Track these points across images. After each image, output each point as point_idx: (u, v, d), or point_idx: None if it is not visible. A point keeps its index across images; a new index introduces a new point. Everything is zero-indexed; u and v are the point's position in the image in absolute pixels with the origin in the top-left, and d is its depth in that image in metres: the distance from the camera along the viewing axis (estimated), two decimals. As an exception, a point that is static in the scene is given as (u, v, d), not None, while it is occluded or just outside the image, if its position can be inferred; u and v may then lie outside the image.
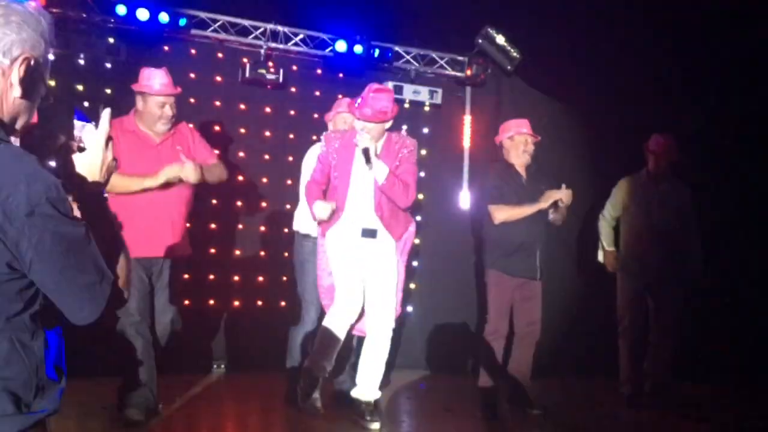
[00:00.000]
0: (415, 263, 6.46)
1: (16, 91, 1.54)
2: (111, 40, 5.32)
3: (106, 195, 1.67)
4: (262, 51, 5.83)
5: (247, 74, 5.74)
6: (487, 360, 4.90)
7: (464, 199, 6.50)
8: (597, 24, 6.35)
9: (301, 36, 5.98)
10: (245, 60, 5.78)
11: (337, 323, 4.33)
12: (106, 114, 1.67)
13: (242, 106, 5.90)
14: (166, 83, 4.27)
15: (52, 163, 1.67)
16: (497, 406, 4.85)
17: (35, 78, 1.57)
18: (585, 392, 5.80)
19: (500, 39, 6.33)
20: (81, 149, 1.64)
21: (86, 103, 1.59)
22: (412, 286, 6.45)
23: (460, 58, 6.49)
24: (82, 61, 5.28)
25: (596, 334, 5.95)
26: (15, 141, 1.60)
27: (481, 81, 6.53)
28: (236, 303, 5.80)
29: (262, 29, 5.85)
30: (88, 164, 1.65)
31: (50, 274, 1.45)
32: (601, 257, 5.56)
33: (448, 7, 6.25)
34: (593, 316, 6.13)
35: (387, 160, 4.32)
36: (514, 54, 6.34)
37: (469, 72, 6.48)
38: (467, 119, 6.60)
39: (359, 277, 4.38)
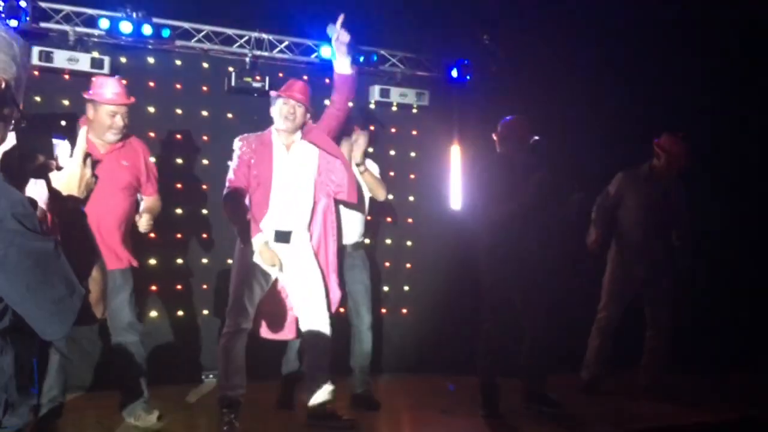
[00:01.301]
0: (408, 265, 6.49)
1: None
2: (95, 54, 5.32)
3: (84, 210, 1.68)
4: (248, 59, 5.83)
5: (233, 83, 5.74)
6: (485, 359, 4.88)
7: (454, 200, 6.51)
8: (586, 23, 6.38)
9: (286, 43, 5.99)
10: (231, 69, 5.78)
11: (230, 341, 4.30)
12: (83, 132, 1.68)
13: (229, 115, 5.90)
14: (118, 92, 4.22)
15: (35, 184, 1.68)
16: (498, 404, 4.84)
17: (6, 99, 1.58)
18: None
19: (485, 39, 6.35)
20: (59, 168, 1.65)
21: (63, 122, 1.58)
22: (406, 288, 6.47)
23: (446, 59, 6.50)
24: (66, 77, 5.28)
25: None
26: None
27: (468, 82, 6.55)
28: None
29: (246, 37, 5.86)
30: (66, 181, 1.67)
31: (17, 289, 1.44)
32: (589, 238, 5.56)
33: (433, 9, 6.26)
34: (591, 313, 6.14)
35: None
36: (500, 54, 6.36)
37: (455, 73, 6.50)
38: (455, 120, 6.61)
39: (259, 289, 4.34)
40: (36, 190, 1.66)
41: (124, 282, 4.23)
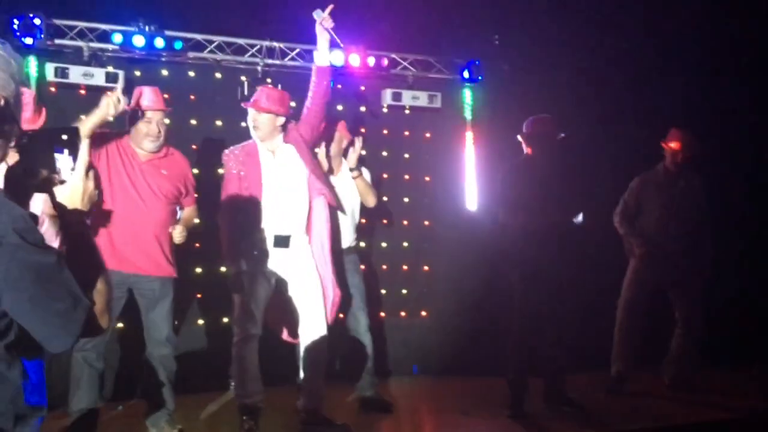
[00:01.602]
0: (425, 267, 6.49)
1: None
2: (110, 68, 5.40)
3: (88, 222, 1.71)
4: (260, 68, 5.89)
5: (246, 92, 5.78)
6: (517, 359, 4.82)
7: (470, 201, 6.50)
8: (598, 20, 6.36)
9: (297, 50, 6.03)
10: (243, 78, 5.83)
11: (242, 349, 4.31)
12: (84, 145, 1.71)
13: (243, 124, 5.89)
14: (153, 100, 4.32)
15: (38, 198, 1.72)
16: (524, 404, 4.79)
17: (6, 117, 1.60)
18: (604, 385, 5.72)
19: (496, 40, 6.35)
20: (62, 181, 1.68)
21: (64, 136, 1.59)
22: (424, 290, 6.46)
23: (458, 60, 6.50)
24: (82, 92, 5.37)
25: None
26: None
27: (480, 83, 6.54)
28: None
29: (258, 47, 5.92)
30: (69, 194, 1.69)
31: (21, 303, 1.47)
32: (632, 253, 5.49)
33: (442, 12, 6.28)
34: (607, 311, 6.10)
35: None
36: (511, 54, 6.36)
37: (467, 74, 6.49)
38: (468, 121, 6.61)
39: (264, 295, 4.33)
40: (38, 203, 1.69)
41: (164, 292, 4.29)
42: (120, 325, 4.99)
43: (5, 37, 4.94)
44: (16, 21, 5.06)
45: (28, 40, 5.11)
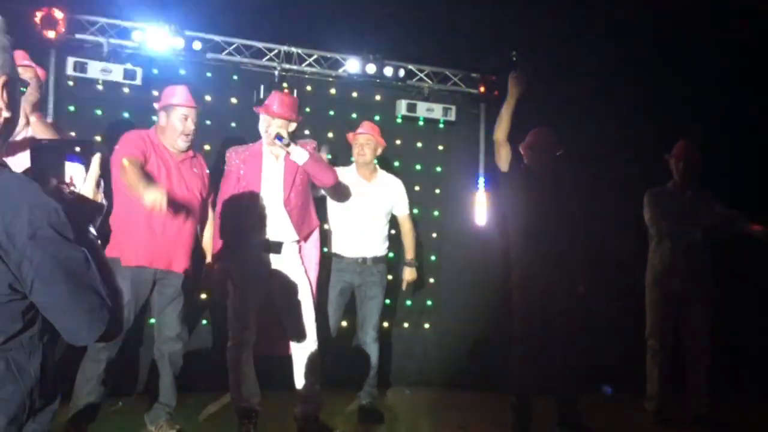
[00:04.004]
0: (431, 279, 6.48)
1: (6, 113, 1.60)
2: (128, 65, 5.43)
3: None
4: (277, 72, 5.92)
5: (262, 95, 5.81)
6: (518, 378, 4.71)
7: (480, 216, 6.49)
8: (611, 37, 6.37)
9: (314, 56, 6.06)
10: (260, 82, 5.87)
11: (236, 353, 4.31)
12: (96, 158, 1.72)
13: (258, 127, 5.95)
14: (188, 97, 4.39)
15: None
16: (529, 424, 4.66)
17: (16, 96, 1.63)
18: (611, 409, 5.66)
19: (514, 56, 6.34)
20: (72, 192, 1.69)
21: (77, 148, 1.61)
22: (429, 302, 6.46)
23: (474, 74, 6.51)
24: (100, 87, 5.41)
25: (620, 350, 5.89)
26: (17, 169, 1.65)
27: (495, 97, 6.53)
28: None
29: (276, 51, 5.94)
30: None
31: (50, 295, 1.48)
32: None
33: (460, 24, 6.30)
34: (616, 332, 6.07)
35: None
36: (528, 70, 6.34)
37: (482, 88, 6.50)
38: (482, 136, 6.60)
39: (255, 300, 4.32)
40: None
41: (182, 289, 4.32)
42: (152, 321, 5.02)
43: (27, 31, 4.99)
44: (38, 14, 5.10)
45: (50, 34, 5.15)
